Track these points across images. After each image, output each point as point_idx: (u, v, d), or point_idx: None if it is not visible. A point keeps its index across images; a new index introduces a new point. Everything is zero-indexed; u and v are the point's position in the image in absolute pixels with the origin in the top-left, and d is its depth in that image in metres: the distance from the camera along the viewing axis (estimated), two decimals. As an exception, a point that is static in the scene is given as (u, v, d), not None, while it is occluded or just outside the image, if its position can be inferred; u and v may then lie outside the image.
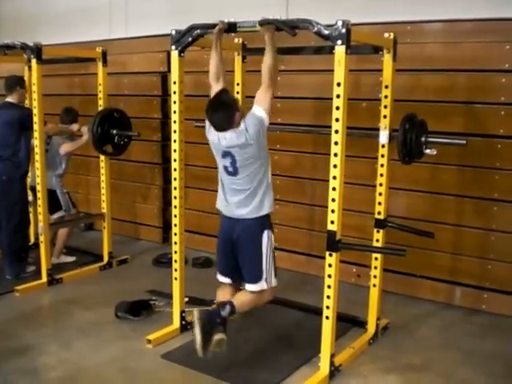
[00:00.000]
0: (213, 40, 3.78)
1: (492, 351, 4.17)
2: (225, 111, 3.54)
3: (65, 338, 4.30)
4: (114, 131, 5.63)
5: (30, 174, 5.92)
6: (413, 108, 4.27)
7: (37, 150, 5.19)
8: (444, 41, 4.88)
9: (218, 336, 3.59)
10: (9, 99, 5.40)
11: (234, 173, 3.62)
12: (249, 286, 3.72)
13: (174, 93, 4.11)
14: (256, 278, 3.67)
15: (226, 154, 3.60)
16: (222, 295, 3.89)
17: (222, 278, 3.93)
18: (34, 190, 5.72)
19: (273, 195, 3.70)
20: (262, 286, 3.68)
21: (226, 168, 3.65)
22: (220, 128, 3.55)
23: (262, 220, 3.65)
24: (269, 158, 3.67)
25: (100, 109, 5.69)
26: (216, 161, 3.75)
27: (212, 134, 3.64)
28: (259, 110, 3.51)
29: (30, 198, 6.16)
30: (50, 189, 5.52)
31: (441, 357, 4.09)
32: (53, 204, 5.65)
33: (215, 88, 3.74)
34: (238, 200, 3.66)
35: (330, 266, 3.52)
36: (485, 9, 4.65)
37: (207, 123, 3.66)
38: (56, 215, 5.85)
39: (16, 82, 5.44)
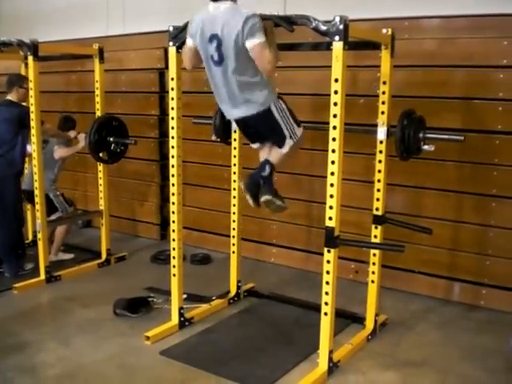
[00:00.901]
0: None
1: (491, 347, 4.17)
2: None
3: (63, 335, 4.30)
4: (111, 138, 5.63)
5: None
6: (411, 104, 4.26)
7: (34, 147, 5.18)
8: (442, 36, 4.88)
9: (263, 198, 3.82)
10: (9, 97, 5.38)
11: (219, 61, 3.57)
12: (279, 150, 3.83)
13: (172, 89, 4.10)
14: (282, 142, 3.80)
15: (212, 38, 3.54)
16: (262, 155, 4.03)
17: (253, 145, 4.09)
18: (26, 193, 5.70)
19: (272, 90, 3.72)
20: (289, 144, 3.79)
21: (212, 58, 3.60)
22: None
23: (265, 106, 3.69)
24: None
25: (97, 111, 5.68)
26: (206, 71, 3.74)
27: (196, 29, 3.62)
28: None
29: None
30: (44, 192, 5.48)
31: (439, 353, 4.09)
32: (49, 207, 5.63)
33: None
34: (235, 97, 3.66)
35: (328, 262, 3.52)
36: (483, 5, 4.64)
37: (192, 26, 3.66)
38: (53, 216, 5.82)
39: (15, 82, 5.39)
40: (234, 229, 4.85)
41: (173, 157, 4.17)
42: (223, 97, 3.73)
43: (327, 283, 3.55)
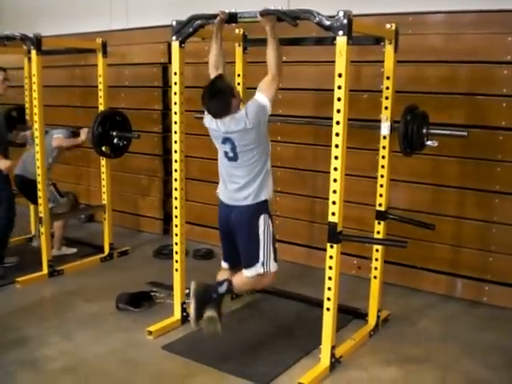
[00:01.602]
0: (213, 31, 3.76)
1: (493, 343, 4.17)
2: (220, 98, 3.53)
3: (66, 329, 4.31)
4: (114, 133, 5.62)
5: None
6: (414, 99, 4.26)
7: (37, 141, 5.18)
8: (446, 32, 4.86)
9: (209, 313, 3.66)
10: None
11: (234, 158, 3.61)
12: (245, 271, 3.73)
13: (175, 84, 4.09)
14: (252, 262, 3.67)
15: (225, 140, 3.59)
16: (222, 276, 3.92)
17: (223, 263, 3.98)
18: (17, 178, 5.68)
19: (272, 183, 3.71)
20: (257, 270, 3.67)
21: (226, 153, 3.65)
22: (217, 115, 3.55)
23: (259, 206, 3.65)
24: (269, 145, 3.67)
25: (100, 106, 5.68)
26: (216, 147, 3.75)
27: (210, 122, 3.64)
28: (262, 97, 3.50)
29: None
30: (35, 180, 5.43)
31: (441, 349, 4.09)
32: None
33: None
34: (237, 186, 3.66)
35: (330, 257, 3.52)
36: (487, 0, 4.62)
37: (206, 111, 3.66)
38: None
39: None
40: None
41: (176, 151, 4.17)
42: (227, 183, 3.76)
43: (330, 279, 3.55)
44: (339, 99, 3.31)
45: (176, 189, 4.22)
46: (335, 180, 3.42)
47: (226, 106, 3.52)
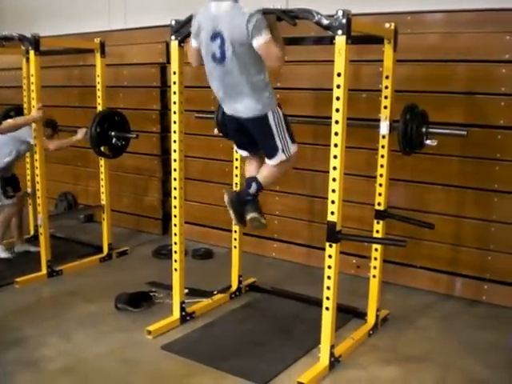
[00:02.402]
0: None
1: (492, 342, 4.17)
2: None
3: (64, 329, 4.30)
4: (113, 133, 5.61)
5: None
6: (413, 98, 4.25)
7: (35, 141, 5.18)
8: (444, 31, 4.86)
9: (250, 215, 3.78)
10: None
11: (221, 59, 3.52)
12: (269, 161, 3.78)
13: (174, 83, 4.09)
14: (273, 153, 3.72)
15: (214, 36, 3.51)
16: (249, 170, 4.02)
17: (240, 152, 4.09)
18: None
19: (273, 94, 3.67)
20: (280, 157, 3.73)
21: (213, 56, 3.56)
22: None
23: (264, 109, 3.64)
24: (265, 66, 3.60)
25: (99, 106, 5.67)
26: (206, 69, 3.70)
27: (198, 27, 3.61)
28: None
29: (29, 189, 6.16)
30: None
31: (441, 348, 4.09)
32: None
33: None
34: (234, 96, 3.63)
35: (329, 256, 3.52)
36: (485, -1, 4.64)
37: (195, 25, 3.65)
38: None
39: None
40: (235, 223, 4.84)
41: (175, 151, 4.16)
42: (223, 96, 3.71)
43: (329, 278, 3.55)
44: (338, 98, 3.31)
45: (175, 188, 4.22)
46: (334, 179, 3.42)
47: None
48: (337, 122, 3.34)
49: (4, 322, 4.43)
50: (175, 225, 4.28)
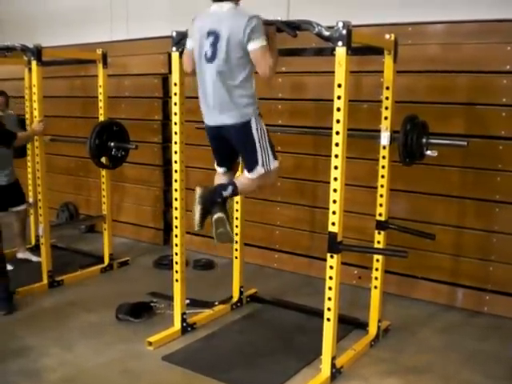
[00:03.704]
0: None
1: (494, 353, 4.16)
2: None
3: (66, 339, 4.30)
4: (112, 143, 5.59)
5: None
6: (414, 109, 4.27)
7: (37, 151, 5.20)
8: (445, 42, 4.88)
9: (216, 215, 3.69)
10: None
11: (211, 58, 3.52)
12: (247, 174, 3.73)
13: (175, 94, 4.10)
14: (252, 166, 3.67)
15: (209, 34, 3.51)
16: (219, 181, 3.94)
17: (218, 168, 4.01)
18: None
19: (253, 89, 3.61)
20: (259, 171, 3.67)
21: (205, 55, 3.55)
22: None
23: (247, 118, 3.60)
24: (253, 68, 3.57)
25: (101, 116, 5.68)
26: (196, 69, 3.69)
27: (196, 26, 3.63)
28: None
29: (31, 199, 6.17)
30: None
31: (442, 359, 4.08)
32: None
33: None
34: (219, 100, 3.58)
35: (331, 267, 3.52)
36: (486, 10, 4.65)
37: (193, 25, 3.67)
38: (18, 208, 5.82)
39: None
40: (236, 234, 4.83)
41: (176, 162, 4.17)
42: (208, 99, 3.66)
43: (330, 289, 3.54)
44: (339, 109, 3.32)
45: (176, 199, 4.22)
46: (335, 190, 3.42)
47: None
48: (337, 132, 3.35)
49: (6, 331, 4.43)
50: (176, 235, 4.28)
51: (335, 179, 3.41)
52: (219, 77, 3.52)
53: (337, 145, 3.37)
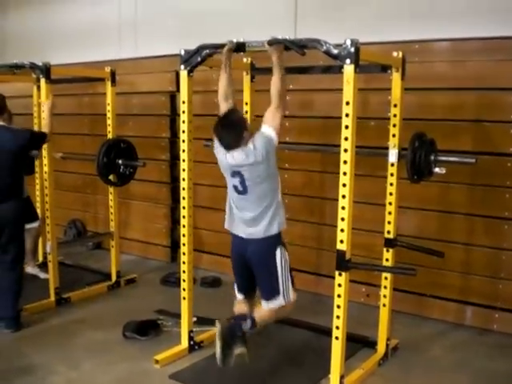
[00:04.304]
0: (222, 60, 3.79)
1: (504, 372, 4.13)
2: (233, 130, 3.55)
3: (73, 357, 4.29)
4: (120, 161, 5.63)
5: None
6: (422, 127, 4.27)
7: (45, 169, 5.21)
8: (452, 59, 4.89)
9: (238, 350, 3.68)
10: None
11: (243, 191, 3.62)
12: (266, 304, 3.75)
13: (183, 112, 4.12)
14: (273, 296, 3.70)
15: (234, 174, 3.61)
16: (240, 309, 3.94)
17: (238, 295, 3.99)
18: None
19: (284, 213, 3.70)
20: (279, 302, 3.71)
21: (235, 187, 3.66)
22: (228, 147, 3.56)
23: (274, 238, 3.66)
24: (278, 176, 3.68)
25: (109, 134, 5.71)
26: (225, 179, 3.75)
27: (220, 154, 3.66)
28: (268, 129, 3.53)
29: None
30: None
31: (452, 378, 4.04)
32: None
33: (224, 107, 3.76)
34: (248, 218, 3.67)
35: (339, 285, 3.50)
36: (492, 27, 4.66)
37: (216, 142, 3.66)
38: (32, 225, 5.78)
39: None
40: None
41: (184, 179, 4.18)
42: (238, 217, 3.77)
43: (338, 307, 3.53)
44: (347, 127, 3.32)
45: (184, 216, 4.22)
46: (343, 207, 3.41)
47: (239, 138, 3.53)
48: (346, 150, 3.35)
49: (13, 349, 4.43)
50: (184, 253, 4.28)
51: (343, 197, 3.40)
52: (251, 203, 3.65)
53: (345, 162, 3.36)
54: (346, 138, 3.33)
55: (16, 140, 4.73)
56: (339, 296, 3.51)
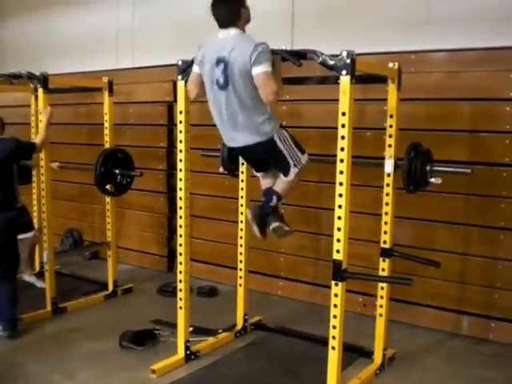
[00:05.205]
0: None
1: (501, 381, 4.13)
2: (229, 3, 3.57)
3: (68, 367, 4.27)
4: (117, 171, 5.64)
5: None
6: (417, 137, 4.28)
7: (43, 178, 5.21)
8: (448, 70, 4.92)
9: (273, 225, 3.94)
10: None
11: (224, 85, 3.58)
12: (284, 178, 3.89)
13: (180, 122, 4.13)
14: (287, 170, 3.84)
15: (219, 62, 3.56)
16: (265, 183, 4.13)
17: (259, 174, 4.19)
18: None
19: (275, 119, 3.76)
20: (294, 171, 3.84)
21: (217, 82, 3.61)
22: (224, 22, 3.56)
23: (269, 135, 3.73)
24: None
25: (106, 143, 5.71)
26: (208, 97, 3.78)
27: (204, 53, 3.69)
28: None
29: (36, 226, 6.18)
30: None
31: (448, 388, 4.05)
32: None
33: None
34: (238, 123, 3.68)
35: (335, 295, 3.50)
36: (488, 38, 4.68)
37: (200, 52, 3.72)
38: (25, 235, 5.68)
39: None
40: (241, 261, 4.83)
41: (180, 189, 4.18)
42: (226, 123, 3.75)
43: (335, 317, 3.52)
44: (343, 137, 3.33)
45: (181, 226, 4.23)
46: (339, 217, 3.42)
47: (235, 11, 3.54)
48: (342, 160, 3.36)
49: (9, 358, 4.41)
50: (180, 263, 4.27)
51: (340, 207, 3.41)
52: (234, 102, 3.60)
53: (341, 172, 3.37)
54: (342, 149, 3.34)
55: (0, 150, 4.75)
56: (335, 306, 3.51)
